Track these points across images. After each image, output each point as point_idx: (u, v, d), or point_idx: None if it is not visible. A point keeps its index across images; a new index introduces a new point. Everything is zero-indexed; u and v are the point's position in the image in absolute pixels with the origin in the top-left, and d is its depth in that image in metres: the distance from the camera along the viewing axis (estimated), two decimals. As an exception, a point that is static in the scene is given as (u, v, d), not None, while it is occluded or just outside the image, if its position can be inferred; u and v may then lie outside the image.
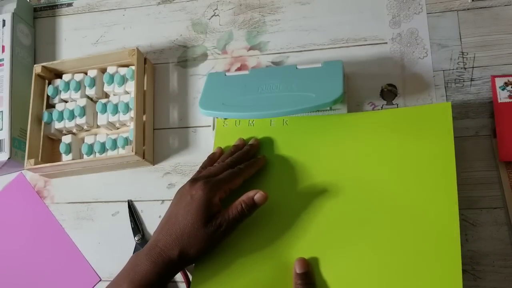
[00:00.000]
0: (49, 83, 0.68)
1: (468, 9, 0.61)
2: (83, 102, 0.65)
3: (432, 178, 0.52)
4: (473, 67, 0.59)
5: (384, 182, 0.53)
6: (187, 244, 0.50)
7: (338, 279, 0.51)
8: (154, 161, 0.65)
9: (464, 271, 0.52)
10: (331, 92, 0.55)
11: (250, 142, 0.59)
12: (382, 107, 0.60)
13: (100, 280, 0.62)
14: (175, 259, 0.50)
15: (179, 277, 0.59)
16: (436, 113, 0.54)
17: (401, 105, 0.60)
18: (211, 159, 0.59)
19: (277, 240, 0.54)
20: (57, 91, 0.67)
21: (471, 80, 0.59)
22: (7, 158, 0.64)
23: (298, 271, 0.50)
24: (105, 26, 0.73)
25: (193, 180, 0.53)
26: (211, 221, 0.50)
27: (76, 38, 0.74)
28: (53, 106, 0.67)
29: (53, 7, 0.77)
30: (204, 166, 0.58)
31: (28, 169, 0.63)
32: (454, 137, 0.56)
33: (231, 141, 0.60)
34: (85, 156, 0.64)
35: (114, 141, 0.63)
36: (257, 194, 0.51)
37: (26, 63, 0.71)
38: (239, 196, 0.52)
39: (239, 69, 0.66)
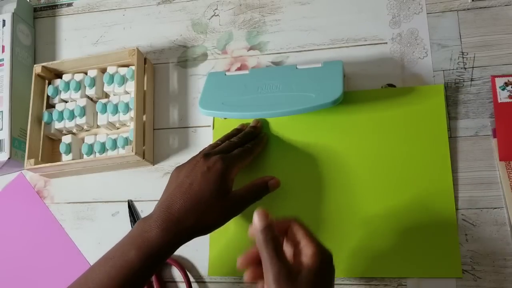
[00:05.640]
0: (49, 83, 0.68)
1: (468, 9, 0.61)
2: (83, 102, 0.65)
3: (427, 154, 0.56)
4: (473, 67, 0.59)
5: (379, 156, 0.57)
6: (204, 212, 0.47)
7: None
8: (154, 161, 0.65)
9: (464, 271, 0.52)
10: (331, 92, 0.55)
11: (252, 124, 0.60)
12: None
13: (100, 280, 0.62)
14: (189, 227, 0.47)
15: (179, 276, 0.59)
16: (429, 95, 0.58)
17: (401, 105, 0.60)
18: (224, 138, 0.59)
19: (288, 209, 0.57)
20: (57, 91, 0.67)
21: (471, 80, 0.59)
22: (7, 158, 0.64)
23: (259, 228, 0.43)
24: (105, 26, 0.73)
25: (206, 154, 0.52)
26: (226, 195, 0.49)
27: (76, 38, 0.74)
28: (53, 106, 0.67)
29: (53, 7, 0.77)
30: (216, 145, 0.56)
31: (28, 169, 0.63)
32: (454, 136, 0.56)
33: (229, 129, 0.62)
34: (85, 156, 0.64)
35: (114, 141, 0.63)
36: (272, 180, 0.53)
37: (26, 63, 0.71)
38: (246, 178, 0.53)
39: (239, 69, 0.66)
